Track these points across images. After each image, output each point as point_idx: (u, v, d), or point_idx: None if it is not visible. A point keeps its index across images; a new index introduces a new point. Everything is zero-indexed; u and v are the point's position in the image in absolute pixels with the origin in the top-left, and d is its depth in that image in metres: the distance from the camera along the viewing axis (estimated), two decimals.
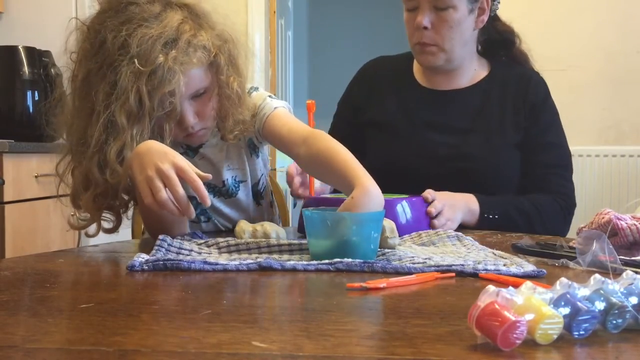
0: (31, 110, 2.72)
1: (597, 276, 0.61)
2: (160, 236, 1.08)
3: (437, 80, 1.65)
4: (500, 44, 1.69)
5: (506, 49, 1.70)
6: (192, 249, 1.04)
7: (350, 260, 0.92)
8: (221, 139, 1.33)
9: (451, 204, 1.41)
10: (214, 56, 1.20)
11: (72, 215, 1.29)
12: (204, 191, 1.04)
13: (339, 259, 0.92)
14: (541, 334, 0.56)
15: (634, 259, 0.94)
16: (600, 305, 0.59)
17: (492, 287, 0.57)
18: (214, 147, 1.34)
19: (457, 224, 1.42)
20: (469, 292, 0.79)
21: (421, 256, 0.98)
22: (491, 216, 1.47)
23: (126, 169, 1.10)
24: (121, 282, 0.89)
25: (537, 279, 0.84)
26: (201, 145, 1.33)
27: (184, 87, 1.15)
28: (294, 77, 5.11)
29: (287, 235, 1.18)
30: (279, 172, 3.96)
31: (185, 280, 0.86)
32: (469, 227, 1.44)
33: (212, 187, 1.35)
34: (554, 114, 1.63)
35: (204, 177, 1.06)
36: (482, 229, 1.43)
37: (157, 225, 1.18)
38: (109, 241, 1.24)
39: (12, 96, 2.72)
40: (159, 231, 1.13)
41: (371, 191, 1.04)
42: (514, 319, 0.54)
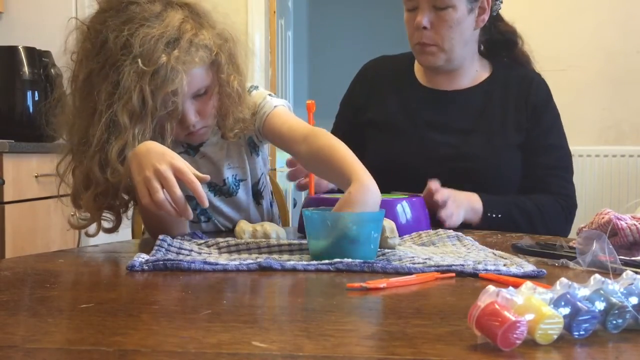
0: (31, 110, 2.72)
1: (597, 276, 0.61)
2: (160, 236, 1.08)
3: (438, 80, 1.65)
4: (502, 44, 1.68)
5: (508, 50, 1.69)
6: (192, 249, 1.04)
7: (350, 260, 0.92)
8: (221, 138, 1.33)
9: (455, 199, 1.41)
10: (215, 55, 1.20)
11: (72, 215, 1.29)
12: (201, 192, 1.04)
13: (339, 259, 0.92)
14: (541, 334, 0.56)
15: (634, 259, 0.94)
16: (600, 305, 0.59)
17: (492, 287, 0.57)
18: (214, 145, 1.34)
19: (460, 220, 1.42)
20: (469, 292, 0.79)
21: (421, 256, 0.98)
22: (494, 215, 1.47)
23: (126, 169, 1.10)
24: (121, 282, 0.89)
25: (537, 279, 0.84)
26: (202, 144, 1.33)
27: (187, 87, 1.15)
28: (294, 77, 5.11)
29: (287, 235, 1.18)
30: (278, 172, 3.96)
31: (185, 280, 0.86)
32: (471, 226, 1.44)
33: (212, 186, 1.35)
34: (556, 116, 1.63)
35: (202, 179, 1.06)
36: (484, 228, 1.43)
37: (157, 225, 1.18)
38: (109, 241, 1.24)
39: (12, 96, 2.72)
40: (159, 231, 1.13)
41: (368, 187, 1.04)
42: (514, 319, 0.54)
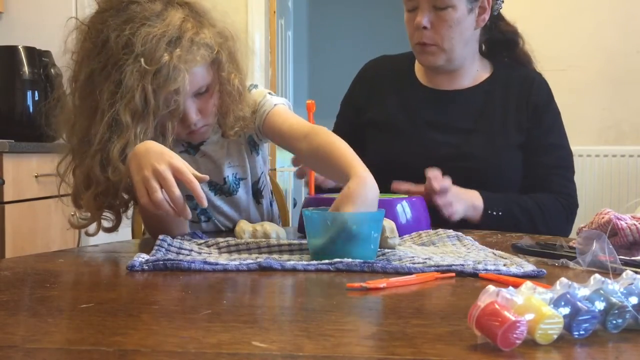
0: (31, 110, 2.72)
1: (597, 276, 0.61)
2: (160, 236, 1.08)
3: (439, 80, 1.65)
4: (503, 44, 1.68)
5: (509, 50, 1.69)
6: (192, 249, 1.04)
7: (350, 260, 0.92)
8: (222, 136, 1.33)
9: (456, 193, 1.41)
10: (215, 53, 1.20)
11: (72, 215, 1.29)
12: (200, 192, 1.04)
13: (339, 259, 0.92)
14: (541, 334, 0.56)
15: (634, 259, 0.94)
16: (600, 305, 0.59)
17: (492, 287, 0.57)
18: (214, 144, 1.34)
19: (459, 215, 1.42)
20: (469, 292, 0.79)
21: (421, 256, 0.98)
22: (495, 212, 1.47)
23: (126, 168, 1.10)
24: (121, 282, 0.89)
25: (537, 279, 0.84)
26: (202, 143, 1.33)
27: (188, 85, 1.15)
28: (294, 77, 5.12)
29: (287, 235, 1.18)
30: (278, 172, 3.96)
31: (185, 280, 0.86)
32: (471, 223, 1.44)
33: (213, 185, 1.36)
34: (557, 116, 1.63)
35: (201, 178, 1.06)
36: (484, 227, 1.43)
37: (156, 225, 1.18)
38: (109, 241, 1.24)
39: (12, 96, 2.71)
40: (159, 231, 1.13)
41: (367, 181, 1.05)
42: (514, 319, 0.54)
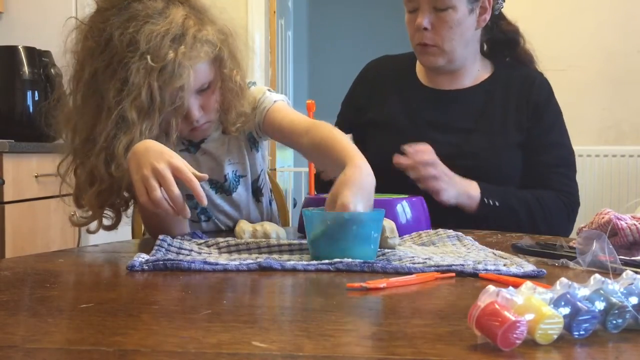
0: (31, 110, 2.72)
1: (597, 276, 0.61)
2: (160, 236, 1.08)
3: (440, 80, 1.65)
4: (504, 43, 1.68)
5: (510, 49, 1.69)
6: (192, 249, 1.04)
7: (350, 260, 0.92)
8: (223, 133, 1.34)
9: (450, 178, 1.43)
10: (218, 50, 1.21)
11: (72, 214, 1.29)
12: (200, 190, 1.04)
13: (339, 259, 0.92)
14: (541, 334, 0.56)
15: (634, 259, 0.94)
16: (600, 305, 0.59)
17: (492, 287, 0.57)
18: (215, 141, 1.35)
19: (448, 197, 1.44)
20: (469, 292, 0.79)
21: (421, 256, 0.98)
22: (491, 202, 1.47)
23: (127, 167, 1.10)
24: (121, 282, 0.89)
25: (537, 279, 0.84)
26: (203, 140, 1.33)
27: (193, 82, 1.16)
28: (294, 77, 5.12)
29: (287, 235, 1.18)
30: (278, 172, 3.96)
31: (185, 280, 0.86)
32: (471, 224, 1.44)
33: (214, 183, 1.36)
34: (557, 114, 1.63)
35: (201, 177, 1.07)
36: (482, 220, 1.43)
37: (156, 225, 1.18)
38: (109, 241, 1.24)
39: (12, 96, 2.71)
40: (159, 231, 1.13)
41: (362, 168, 1.05)
42: (514, 319, 0.54)
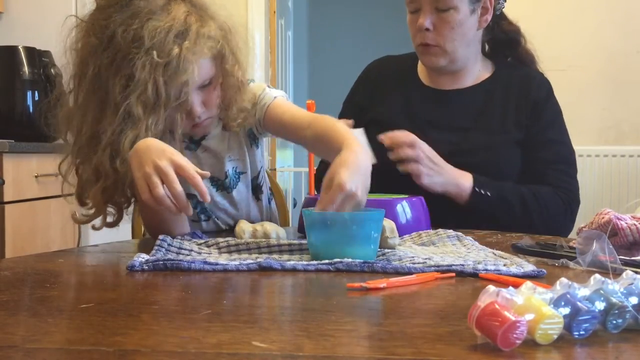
0: (31, 110, 2.72)
1: (597, 276, 0.61)
2: (160, 236, 1.08)
3: (442, 80, 1.65)
4: (505, 43, 1.68)
5: (511, 49, 1.69)
6: (192, 249, 1.04)
7: (350, 260, 0.92)
8: (223, 129, 1.34)
9: (439, 166, 1.44)
10: (219, 46, 1.21)
11: (74, 213, 1.29)
12: (203, 187, 1.04)
13: (339, 259, 0.92)
14: (541, 334, 0.56)
15: (634, 259, 0.94)
16: (600, 305, 0.59)
17: (492, 287, 0.57)
18: (216, 138, 1.35)
19: (433, 183, 1.45)
20: (469, 292, 0.79)
21: (421, 256, 0.98)
22: (484, 192, 1.47)
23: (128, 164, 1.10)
24: (121, 282, 0.89)
25: (537, 279, 0.84)
26: (203, 137, 1.34)
27: (197, 77, 1.16)
28: (294, 77, 5.12)
29: (287, 235, 1.18)
30: (278, 172, 3.96)
31: (185, 280, 0.86)
32: (471, 223, 1.43)
33: (215, 181, 1.36)
34: (556, 112, 1.63)
35: (203, 175, 1.07)
36: (477, 214, 1.43)
37: (157, 225, 1.18)
38: (109, 241, 1.24)
39: (12, 96, 2.71)
40: (159, 231, 1.13)
41: (359, 151, 1.06)
42: (514, 319, 0.54)
